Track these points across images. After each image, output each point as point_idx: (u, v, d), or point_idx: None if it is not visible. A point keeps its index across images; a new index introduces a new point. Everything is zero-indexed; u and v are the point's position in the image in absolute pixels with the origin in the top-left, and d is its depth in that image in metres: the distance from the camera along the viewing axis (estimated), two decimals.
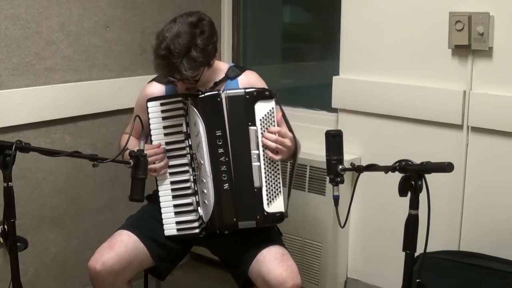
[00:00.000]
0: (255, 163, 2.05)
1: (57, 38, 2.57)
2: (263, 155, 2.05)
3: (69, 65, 2.63)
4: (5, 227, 1.77)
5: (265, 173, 2.05)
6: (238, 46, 3.41)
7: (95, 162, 1.86)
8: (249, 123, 2.05)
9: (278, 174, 2.07)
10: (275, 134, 2.04)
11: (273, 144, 2.03)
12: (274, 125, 2.06)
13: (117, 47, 2.83)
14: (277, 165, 2.07)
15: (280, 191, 2.06)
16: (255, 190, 2.04)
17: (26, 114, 2.48)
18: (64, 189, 2.69)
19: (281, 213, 2.06)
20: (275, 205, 2.06)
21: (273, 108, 2.06)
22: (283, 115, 2.11)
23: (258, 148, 2.05)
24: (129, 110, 2.41)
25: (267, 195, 2.05)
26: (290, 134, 2.07)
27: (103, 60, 2.77)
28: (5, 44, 2.39)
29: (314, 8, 3.37)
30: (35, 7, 2.47)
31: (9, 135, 2.39)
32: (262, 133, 2.05)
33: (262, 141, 2.04)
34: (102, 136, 2.81)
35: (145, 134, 2.14)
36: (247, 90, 2.07)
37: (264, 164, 2.05)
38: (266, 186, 2.05)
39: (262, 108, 2.05)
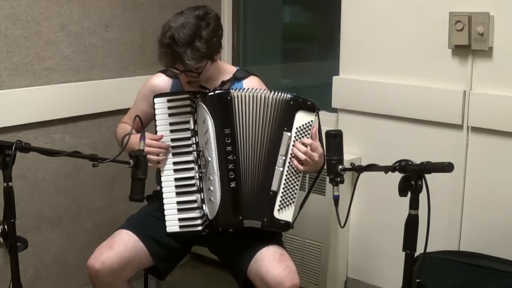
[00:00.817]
0: (278, 167, 2.04)
1: (57, 38, 2.57)
2: (289, 163, 2.04)
3: (69, 65, 2.63)
4: (5, 227, 1.77)
5: (285, 180, 2.05)
6: (238, 46, 3.41)
7: (95, 162, 1.86)
8: (285, 128, 2.05)
9: (297, 185, 2.06)
10: (306, 146, 2.03)
11: (302, 156, 2.02)
12: (308, 138, 2.05)
13: (117, 47, 2.83)
14: (299, 176, 2.07)
15: (293, 202, 2.06)
16: (270, 193, 2.04)
17: (26, 114, 2.48)
18: (64, 189, 2.69)
19: (287, 222, 2.06)
20: (285, 214, 2.05)
21: (312, 121, 2.06)
22: (319, 130, 2.10)
23: (286, 155, 2.04)
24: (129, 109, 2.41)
25: (280, 201, 2.05)
26: (320, 149, 2.06)
27: (103, 60, 2.77)
28: (5, 44, 2.39)
29: (314, 8, 3.37)
30: (35, 7, 2.47)
31: (9, 135, 2.39)
32: (294, 141, 2.04)
33: (292, 150, 2.04)
34: (102, 136, 2.81)
35: (146, 123, 2.14)
36: (294, 95, 2.07)
37: (287, 171, 2.05)
38: (282, 192, 2.05)
39: (302, 118, 2.05)
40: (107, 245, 2.06)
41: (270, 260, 2.02)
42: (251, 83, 2.23)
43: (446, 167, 1.64)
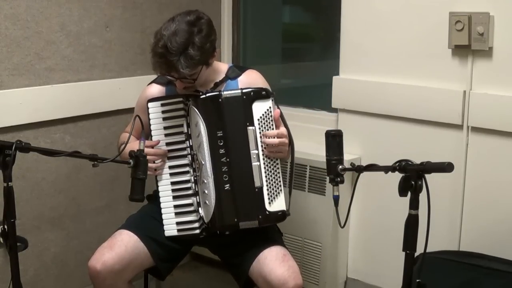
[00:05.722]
0: (255, 163, 2.04)
1: (57, 38, 2.57)
2: (263, 155, 2.05)
3: (69, 65, 2.63)
4: (5, 227, 1.78)
5: (265, 172, 2.05)
6: (238, 46, 3.41)
7: (95, 162, 1.86)
8: (247, 123, 2.04)
9: (278, 173, 2.07)
10: (274, 137, 2.04)
11: (274, 142, 2.02)
12: (272, 124, 2.05)
13: (117, 47, 2.83)
14: (277, 163, 2.07)
15: (281, 190, 2.06)
16: (256, 190, 2.04)
17: (26, 114, 2.48)
18: (64, 189, 2.69)
19: (282, 211, 2.05)
20: (277, 204, 2.05)
21: (270, 107, 2.06)
22: (280, 113, 2.10)
23: (257, 148, 2.05)
24: (129, 110, 2.41)
25: (268, 194, 2.04)
26: (286, 132, 2.07)
27: (103, 60, 2.77)
28: (5, 44, 2.39)
29: (314, 8, 3.37)
30: (35, 7, 2.47)
31: (9, 135, 2.39)
32: (260, 133, 2.05)
33: (262, 142, 2.04)
34: (102, 136, 2.81)
35: (146, 134, 2.14)
36: (244, 91, 2.06)
37: (264, 163, 2.05)
38: (267, 185, 2.04)
39: (259, 108, 2.05)
40: (108, 246, 2.06)
41: (273, 261, 2.02)
42: (247, 79, 2.22)
43: (446, 167, 1.64)
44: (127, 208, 2.53)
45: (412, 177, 1.69)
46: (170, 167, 2.14)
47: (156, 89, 2.26)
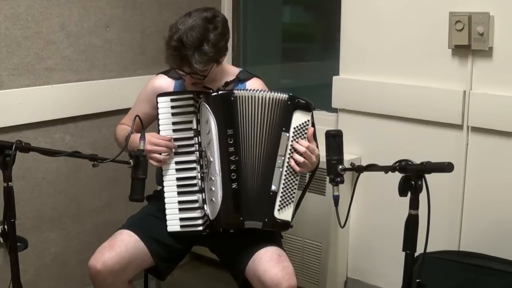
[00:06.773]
0: (278, 168, 2.05)
1: (57, 38, 2.57)
2: (287, 163, 2.05)
3: (69, 65, 2.63)
4: (5, 227, 1.78)
5: (284, 180, 2.05)
6: (238, 46, 3.41)
7: (95, 162, 1.86)
8: (283, 128, 2.04)
9: (296, 184, 2.07)
10: (304, 147, 2.03)
11: (301, 158, 2.03)
12: (305, 137, 2.05)
13: (117, 47, 2.83)
14: (297, 175, 2.07)
15: (292, 201, 2.06)
16: (271, 193, 2.05)
17: (26, 114, 2.48)
18: (64, 189, 2.69)
19: (287, 222, 2.07)
20: (285, 213, 2.06)
21: (308, 120, 2.06)
22: (314, 128, 2.10)
23: (284, 155, 2.04)
24: (129, 110, 2.40)
25: (280, 201, 2.05)
26: (317, 151, 2.07)
27: (103, 60, 2.77)
28: (5, 44, 2.39)
29: (314, 8, 3.37)
30: (35, 7, 2.47)
31: (9, 135, 2.39)
32: (292, 142, 2.05)
33: (290, 150, 2.04)
34: (102, 136, 2.81)
35: (146, 125, 2.14)
36: (290, 95, 2.07)
37: (286, 171, 2.05)
38: (282, 192, 2.05)
39: (298, 118, 2.05)
40: (108, 246, 2.06)
41: (268, 261, 2.02)
42: (254, 85, 2.23)
43: (446, 167, 1.64)
44: (127, 208, 2.53)
45: (412, 177, 1.69)
46: (177, 163, 2.14)
47: (165, 81, 2.26)
